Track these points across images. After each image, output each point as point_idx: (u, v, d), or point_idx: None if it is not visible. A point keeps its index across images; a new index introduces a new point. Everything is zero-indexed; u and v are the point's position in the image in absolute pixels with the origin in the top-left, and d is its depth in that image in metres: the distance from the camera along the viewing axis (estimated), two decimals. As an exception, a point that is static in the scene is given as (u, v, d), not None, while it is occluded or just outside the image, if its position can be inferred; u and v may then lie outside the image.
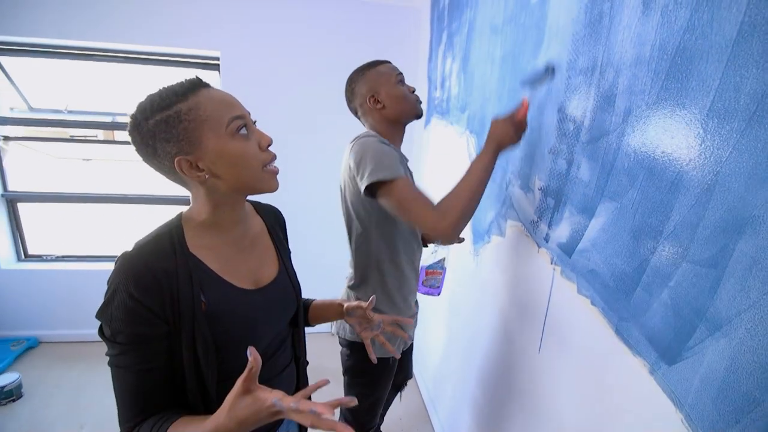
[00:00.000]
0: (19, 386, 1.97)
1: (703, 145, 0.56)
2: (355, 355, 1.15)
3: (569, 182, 0.85)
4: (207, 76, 2.44)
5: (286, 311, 0.77)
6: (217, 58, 2.29)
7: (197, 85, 0.60)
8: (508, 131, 0.91)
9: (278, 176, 0.67)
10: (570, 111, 0.85)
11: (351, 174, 1.00)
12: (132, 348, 0.57)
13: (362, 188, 0.93)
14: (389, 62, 1.14)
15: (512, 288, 1.13)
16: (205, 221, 0.64)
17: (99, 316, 0.57)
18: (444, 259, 1.29)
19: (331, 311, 0.89)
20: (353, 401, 0.51)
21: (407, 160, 1.14)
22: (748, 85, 0.50)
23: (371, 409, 1.24)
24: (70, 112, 2.56)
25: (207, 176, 0.60)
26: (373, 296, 0.84)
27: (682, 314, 0.59)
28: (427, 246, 1.32)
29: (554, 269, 0.90)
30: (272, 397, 0.49)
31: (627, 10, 0.70)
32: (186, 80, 0.60)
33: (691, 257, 0.57)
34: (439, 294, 1.32)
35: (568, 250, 0.85)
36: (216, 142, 0.59)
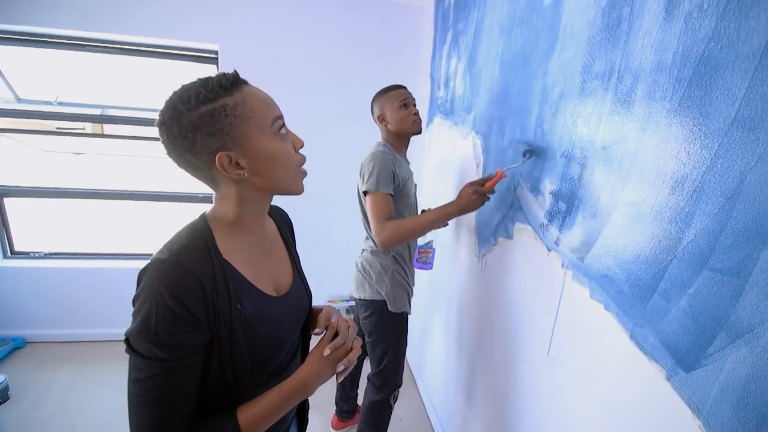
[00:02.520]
0: (6, 388, 1.91)
1: (726, 154, 0.56)
2: (375, 313, 1.43)
3: (582, 187, 0.85)
4: (204, 69, 2.39)
5: (301, 318, 0.76)
6: (216, 52, 2.24)
7: (240, 80, 0.58)
8: (473, 199, 1.12)
9: None
10: (585, 114, 0.85)
11: (360, 175, 1.35)
12: (177, 363, 0.53)
13: (361, 189, 1.33)
14: (401, 88, 1.43)
15: (519, 290, 1.13)
16: (233, 222, 0.62)
17: (134, 333, 0.52)
18: (432, 241, 1.57)
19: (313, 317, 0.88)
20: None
21: (409, 163, 1.51)
22: (777, 95, 0.51)
23: (397, 362, 1.46)
24: (60, 103, 2.48)
25: (246, 174, 0.58)
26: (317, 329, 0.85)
27: (702, 321, 0.59)
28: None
29: (565, 273, 0.90)
30: (321, 349, 0.63)
31: (648, 15, 0.70)
32: (228, 74, 0.58)
33: (712, 265, 0.58)
34: (431, 268, 1.60)
35: (580, 254, 0.85)
36: (261, 140, 0.58)
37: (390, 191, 1.27)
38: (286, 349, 0.70)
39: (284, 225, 0.81)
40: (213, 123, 0.54)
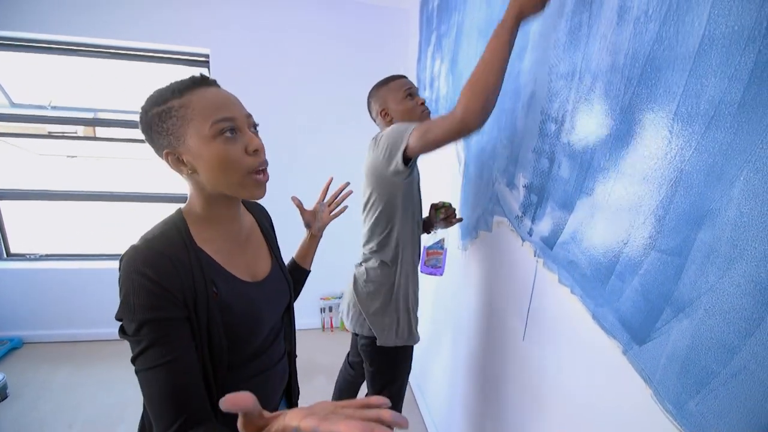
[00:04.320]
0: (4, 386, 1.94)
1: (669, 146, 0.62)
2: (374, 345, 1.23)
3: (551, 180, 0.91)
4: (196, 72, 2.43)
5: (281, 303, 0.80)
6: (207, 55, 2.28)
7: (197, 83, 0.62)
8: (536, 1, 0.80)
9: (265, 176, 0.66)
10: (552, 113, 0.91)
11: (387, 161, 1.06)
12: (159, 337, 0.55)
13: (400, 158, 1.01)
14: (402, 77, 1.24)
15: (498, 280, 1.18)
16: (203, 216, 0.66)
17: (120, 314, 0.56)
18: (443, 240, 1.34)
19: (307, 245, 0.99)
20: (386, 401, 0.41)
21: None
22: (708, 93, 0.57)
23: (398, 394, 1.30)
24: (54, 107, 2.51)
25: (190, 171, 0.62)
26: (294, 196, 0.95)
27: (651, 299, 0.65)
28: (429, 233, 1.41)
29: (537, 261, 0.96)
30: (291, 424, 0.38)
31: (604, 20, 0.76)
32: (189, 78, 0.62)
33: (658, 247, 0.64)
34: (441, 274, 1.35)
35: (549, 243, 0.91)
36: (197, 141, 0.60)
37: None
38: (264, 332, 0.74)
39: (264, 220, 0.85)
40: (160, 123, 0.60)
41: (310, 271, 0.98)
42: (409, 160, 1.03)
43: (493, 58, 0.82)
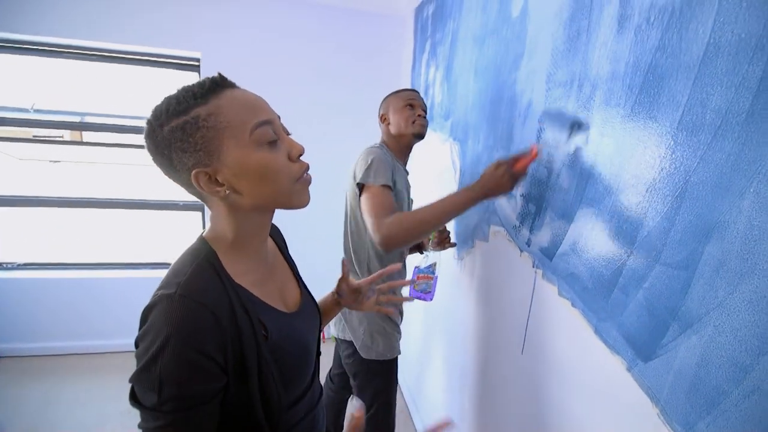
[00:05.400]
0: (-23, 403, 1.84)
1: (673, 156, 0.60)
2: (357, 355, 1.22)
3: (550, 189, 0.89)
4: (186, 77, 2.39)
5: (317, 332, 0.71)
6: (198, 59, 2.25)
7: (219, 85, 0.52)
8: (504, 183, 0.88)
9: None
10: (550, 121, 0.89)
11: (353, 174, 1.16)
12: (184, 417, 0.46)
13: (357, 183, 1.10)
14: (413, 91, 1.29)
15: (495, 291, 1.16)
16: (233, 242, 0.56)
17: (139, 379, 0.46)
18: (435, 265, 1.29)
19: (329, 306, 0.82)
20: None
21: (408, 173, 1.30)
22: (714, 102, 0.55)
23: (388, 407, 1.27)
24: (37, 111, 2.44)
25: (228, 192, 0.52)
26: (344, 257, 0.85)
27: (656, 313, 0.63)
28: (422, 252, 1.37)
29: (536, 272, 0.94)
30: None
31: (603, 28, 0.75)
32: (207, 79, 0.52)
33: (663, 260, 0.62)
34: (431, 299, 1.30)
35: (549, 253, 0.89)
36: (238, 152, 0.50)
37: (390, 184, 1.07)
38: (311, 366, 0.66)
39: (280, 240, 0.76)
40: (185, 138, 0.49)
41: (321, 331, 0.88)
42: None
43: (444, 215, 0.93)
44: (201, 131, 0.49)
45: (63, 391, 2.06)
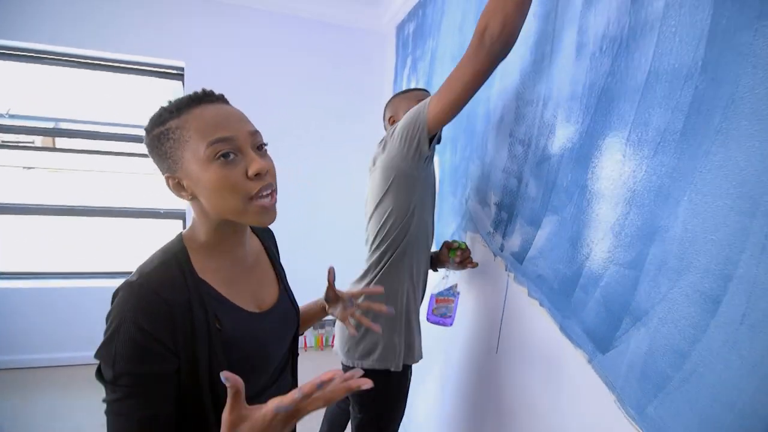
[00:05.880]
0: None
1: (622, 168, 0.68)
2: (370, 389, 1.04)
3: (520, 198, 0.96)
4: (170, 86, 2.40)
5: (289, 333, 0.74)
6: (182, 69, 2.26)
7: (197, 100, 0.56)
8: None
9: None
10: (519, 136, 0.97)
11: (406, 145, 0.95)
12: (137, 392, 0.50)
13: (424, 134, 0.91)
14: (422, 90, 1.17)
15: (472, 294, 1.22)
16: (207, 242, 0.61)
17: (99, 355, 0.51)
18: (455, 286, 1.18)
19: (316, 311, 0.86)
20: (368, 383, 0.46)
21: None
22: (654, 121, 0.63)
23: None
24: (12, 116, 2.39)
25: (190, 197, 0.57)
26: (331, 266, 0.80)
27: (612, 309, 0.70)
28: (437, 270, 1.24)
29: (508, 275, 1.00)
30: (271, 407, 0.44)
31: (564, 53, 0.83)
32: (191, 94, 0.57)
33: (616, 261, 0.69)
34: (451, 324, 1.19)
35: (519, 258, 0.96)
36: (195, 165, 0.54)
37: None
38: (273, 366, 0.68)
39: (270, 243, 0.79)
40: (159, 146, 0.55)
41: (301, 335, 0.88)
42: (431, 140, 0.93)
43: None
44: (169, 142, 0.55)
45: (35, 405, 1.98)
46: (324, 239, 2.59)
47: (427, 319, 1.20)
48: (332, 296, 0.82)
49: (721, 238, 0.53)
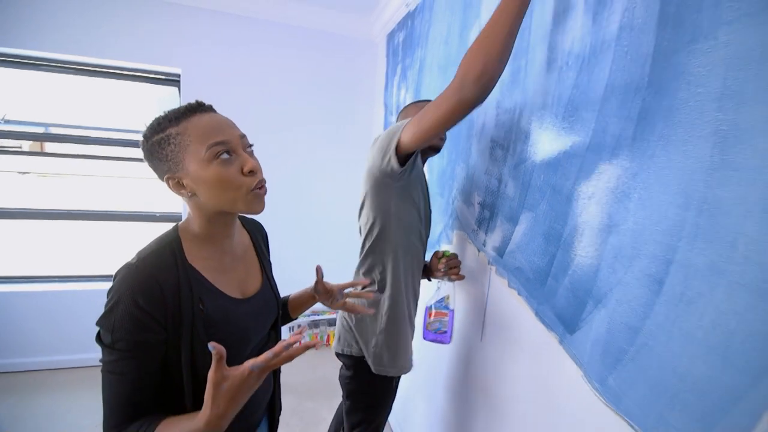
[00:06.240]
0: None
1: (584, 170, 0.78)
2: (358, 376, 1.15)
3: (500, 197, 1.05)
4: (166, 91, 2.45)
5: (269, 319, 0.83)
6: (178, 75, 2.32)
7: (192, 110, 0.66)
8: None
9: None
10: (499, 141, 1.06)
11: (380, 156, 0.97)
12: (131, 355, 0.60)
13: (393, 154, 0.93)
14: None
15: (458, 287, 1.30)
16: (199, 234, 0.69)
17: (100, 323, 0.60)
18: (447, 297, 1.18)
19: (306, 298, 0.95)
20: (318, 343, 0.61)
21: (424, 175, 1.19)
22: (611, 129, 0.73)
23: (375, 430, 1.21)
24: (7, 122, 2.42)
25: (190, 194, 0.66)
26: (318, 265, 0.88)
27: (578, 294, 0.79)
28: (430, 280, 1.27)
29: (491, 269, 1.09)
30: (247, 366, 0.56)
31: (536, 66, 0.93)
32: (185, 104, 0.66)
33: (580, 251, 0.78)
34: (449, 341, 1.18)
35: (500, 252, 1.04)
36: (196, 166, 0.63)
37: None
38: (250, 347, 0.77)
39: (259, 236, 0.88)
40: (160, 150, 0.64)
41: (295, 318, 1.00)
42: (405, 159, 0.93)
43: (500, 17, 0.72)
44: (170, 146, 0.63)
45: (36, 407, 2.00)
46: (319, 237, 2.67)
47: (424, 337, 1.20)
48: (322, 289, 0.93)
49: (663, 228, 0.62)
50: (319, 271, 0.90)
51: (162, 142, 0.63)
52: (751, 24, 0.52)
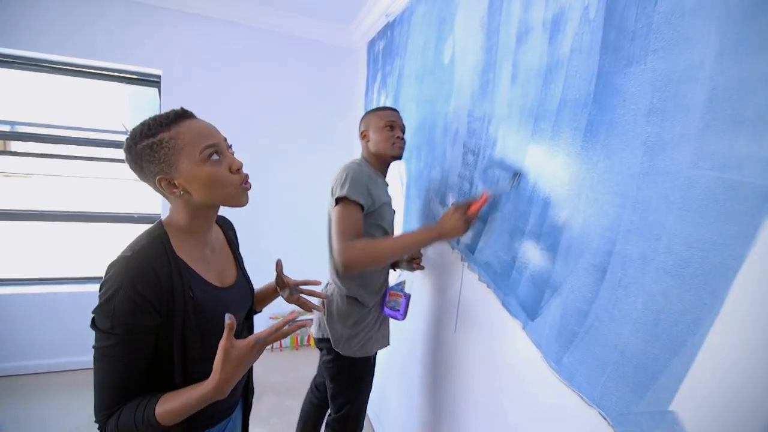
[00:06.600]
0: None
1: (541, 173, 0.87)
2: (338, 358, 1.25)
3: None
4: (145, 92, 2.44)
5: (245, 307, 0.91)
6: (159, 76, 2.32)
7: (181, 116, 0.72)
8: (458, 226, 1.02)
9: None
10: (471, 146, 1.16)
11: (331, 190, 1.19)
12: (128, 339, 0.65)
13: (334, 198, 1.15)
14: (392, 110, 1.31)
15: (434, 283, 1.39)
16: (184, 228, 0.76)
17: (98, 311, 0.65)
18: (403, 283, 1.34)
19: (269, 292, 1.03)
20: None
21: (387, 185, 1.33)
22: (563, 137, 0.83)
23: (359, 413, 1.32)
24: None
25: (182, 192, 0.72)
26: (279, 259, 0.98)
27: (538, 284, 0.88)
28: (395, 270, 1.46)
29: (463, 264, 1.18)
30: (252, 338, 0.65)
31: (503, 80, 1.02)
32: (173, 111, 0.72)
33: (540, 246, 0.88)
34: (402, 318, 1.32)
35: (471, 249, 1.13)
36: (190, 167, 0.69)
37: (362, 202, 1.12)
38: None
39: (230, 232, 0.97)
40: (152, 153, 0.68)
41: (260, 311, 1.07)
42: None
43: (404, 249, 1.09)
44: (164, 150, 0.69)
45: (35, 410, 1.95)
46: (301, 239, 2.71)
47: (383, 312, 1.34)
48: (281, 282, 1.01)
49: (605, 224, 0.72)
50: (279, 265, 0.98)
51: (154, 146, 0.68)
52: (673, 52, 0.63)
